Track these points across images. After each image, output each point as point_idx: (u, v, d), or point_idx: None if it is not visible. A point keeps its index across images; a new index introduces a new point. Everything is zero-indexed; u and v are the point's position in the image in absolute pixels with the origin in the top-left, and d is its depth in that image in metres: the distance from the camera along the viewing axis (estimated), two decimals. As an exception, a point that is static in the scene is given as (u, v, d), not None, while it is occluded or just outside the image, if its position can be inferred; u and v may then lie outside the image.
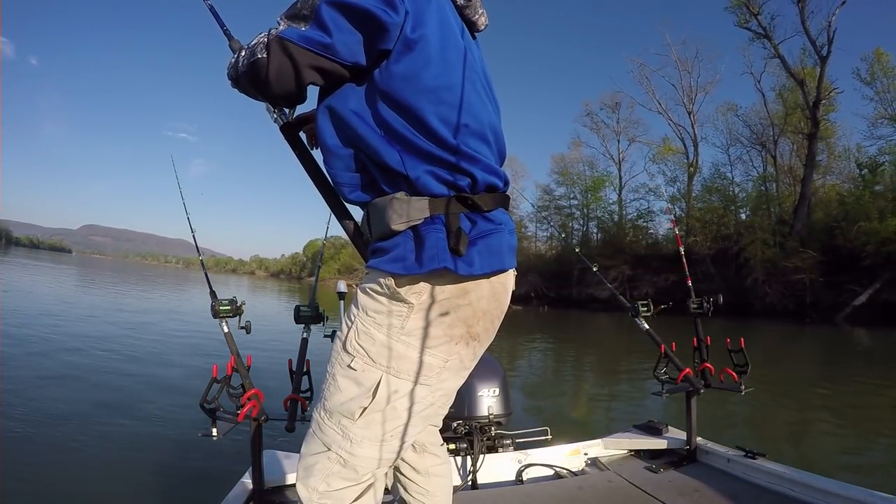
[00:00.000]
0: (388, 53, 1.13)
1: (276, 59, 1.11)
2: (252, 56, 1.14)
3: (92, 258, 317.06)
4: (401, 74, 1.13)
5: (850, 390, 8.81)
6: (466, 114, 1.18)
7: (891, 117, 28.94)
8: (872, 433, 6.01)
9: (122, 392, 6.18)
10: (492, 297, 1.21)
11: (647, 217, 41.76)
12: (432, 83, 1.14)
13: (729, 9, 33.11)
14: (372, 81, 1.16)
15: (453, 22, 1.25)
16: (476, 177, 1.17)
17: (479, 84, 1.27)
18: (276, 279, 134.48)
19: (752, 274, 27.79)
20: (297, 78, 1.14)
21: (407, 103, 1.13)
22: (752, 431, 5.58)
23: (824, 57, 29.44)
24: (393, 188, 1.16)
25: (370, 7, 1.07)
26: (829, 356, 14.05)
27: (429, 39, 1.14)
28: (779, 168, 34.31)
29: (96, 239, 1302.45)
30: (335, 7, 1.09)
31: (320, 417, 1.22)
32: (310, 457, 1.22)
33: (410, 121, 1.13)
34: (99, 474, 3.81)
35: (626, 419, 5.33)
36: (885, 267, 23.61)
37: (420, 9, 1.14)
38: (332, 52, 1.10)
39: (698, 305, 2.89)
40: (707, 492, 2.37)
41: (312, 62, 1.12)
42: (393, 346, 1.14)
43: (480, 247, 1.14)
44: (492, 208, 1.19)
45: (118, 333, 10.81)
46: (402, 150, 1.14)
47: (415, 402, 1.18)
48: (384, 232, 1.15)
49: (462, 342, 1.19)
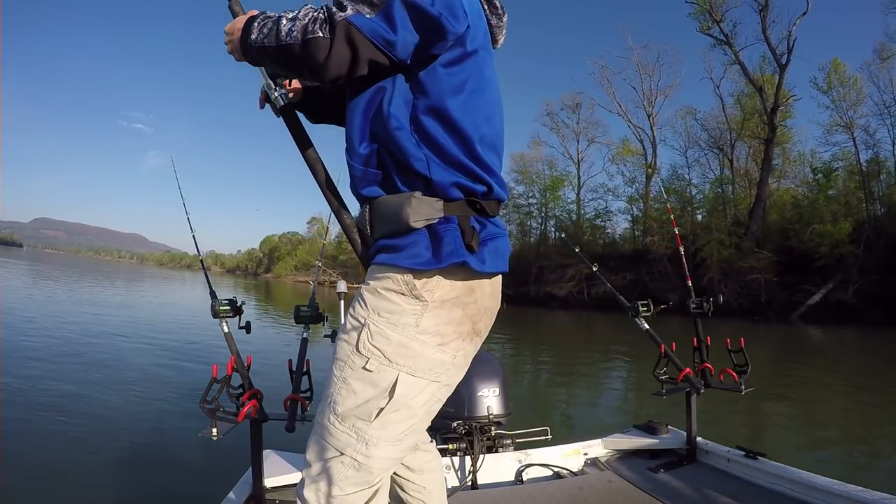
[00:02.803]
0: (436, 58, 1.15)
1: (340, 43, 1.07)
2: (307, 33, 1.08)
3: (44, 252, 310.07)
4: (449, 83, 1.17)
5: (801, 383, 9.30)
6: (491, 125, 1.25)
7: (845, 125, 29.95)
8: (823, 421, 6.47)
9: (121, 392, 6.17)
10: (492, 295, 1.29)
11: (605, 217, 42.44)
12: (476, 96, 1.20)
13: (692, 15, 33.81)
14: (417, 83, 1.17)
15: (489, 39, 1.33)
16: (492, 187, 1.22)
17: (498, 95, 1.33)
18: (233, 275, 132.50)
19: (708, 273, 28.40)
20: (352, 67, 1.12)
21: (448, 112, 1.16)
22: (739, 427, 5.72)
23: (783, 65, 30.29)
24: (408, 187, 1.18)
25: (438, 15, 1.10)
26: (784, 352, 14.52)
27: (480, 54, 1.21)
28: (735, 171, 35.19)
29: (48, 233, 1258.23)
30: (406, 6, 1.09)
31: (330, 423, 1.19)
32: (318, 463, 1.21)
33: (447, 129, 1.17)
34: (99, 475, 3.82)
35: (626, 419, 5.41)
36: (837, 268, 24.51)
37: (476, 23, 1.21)
38: (391, 49, 1.10)
39: (698, 305, 2.90)
40: (707, 492, 2.39)
41: (371, 55, 1.10)
42: (409, 344, 1.15)
43: (490, 248, 1.21)
44: (496, 214, 1.27)
45: (118, 333, 10.77)
46: (430, 154, 1.16)
47: (427, 400, 1.21)
48: (397, 229, 1.16)
49: (468, 338, 1.23)
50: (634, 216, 39.92)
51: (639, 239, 37.23)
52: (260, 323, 15.49)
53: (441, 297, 1.16)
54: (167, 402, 5.86)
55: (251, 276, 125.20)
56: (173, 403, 5.82)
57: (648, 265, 32.47)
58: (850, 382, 9.56)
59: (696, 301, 2.90)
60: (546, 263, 36.86)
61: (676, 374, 2.75)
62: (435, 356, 1.17)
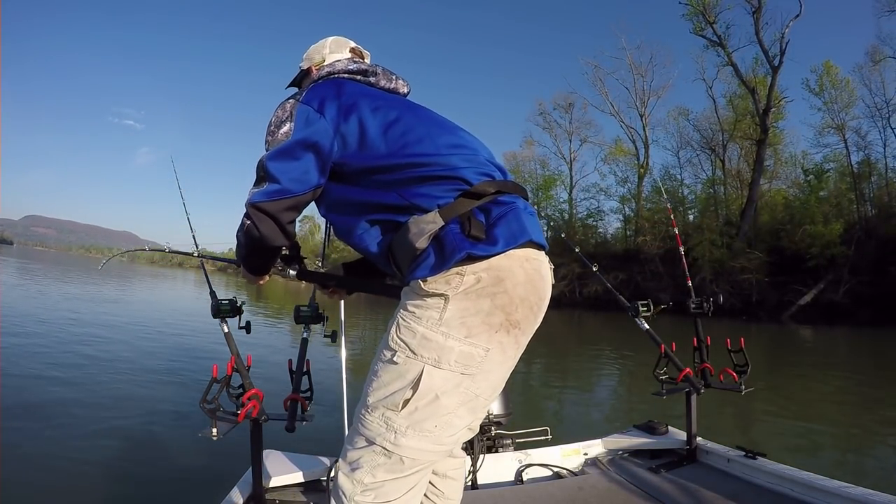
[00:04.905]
0: (341, 151, 1.35)
1: (255, 218, 1.36)
2: (242, 227, 1.41)
3: (34, 250, 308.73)
4: (358, 153, 1.34)
5: (796, 382, 9.37)
6: (431, 137, 1.35)
7: (837, 127, 30.17)
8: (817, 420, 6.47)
9: (121, 392, 6.16)
10: (527, 282, 1.24)
11: (598, 216, 42.40)
12: (385, 137, 1.32)
13: (686, 16, 33.84)
14: (343, 173, 1.37)
15: (374, 91, 1.50)
16: (467, 174, 1.28)
17: (431, 117, 1.46)
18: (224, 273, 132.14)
19: (700, 273, 28.51)
20: (278, 223, 1.38)
21: (376, 163, 1.31)
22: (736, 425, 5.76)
23: (776, 67, 30.39)
24: (406, 217, 1.26)
25: (296, 137, 1.32)
26: (776, 352, 14.58)
27: (362, 114, 1.34)
28: (727, 172, 35.30)
29: (39, 230, 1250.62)
30: (275, 158, 1.32)
31: (362, 415, 1.26)
32: (353, 451, 1.27)
33: (388, 170, 1.30)
34: (99, 475, 3.81)
35: (626, 419, 5.42)
36: (828, 268, 24.64)
37: (340, 105, 1.36)
38: (287, 194, 1.33)
39: (698, 305, 2.90)
40: (707, 492, 2.39)
41: (279, 207, 1.34)
42: (432, 336, 1.18)
43: (502, 227, 1.22)
44: (498, 190, 1.28)
45: (116, 332, 10.76)
46: (397, 189, 1.29)
47: (458, 393, 1.21)
48: (413, 254, 1.22)
49: (503, 330, 1.21)
50: (626, 216, 40.02)
51: (631, 239, 37.30)
52: (256, 322, 15.42)
53: (465, 290, 1.17)
54: (167, 402, 5.83)
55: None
56: (173, 403, 5.79)
57: (640, 265, 32.51)
58: (844, 382, 9.62)
59: (696, 301, 2.90)
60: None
61: (676, 374, 2.76)
62: (462, 349, 1.18)
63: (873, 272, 23.33)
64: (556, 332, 19.08)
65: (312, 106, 1.34)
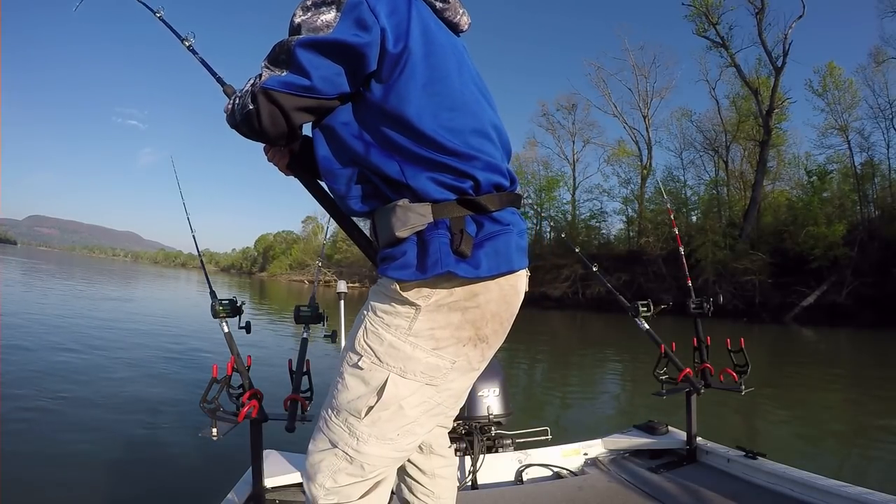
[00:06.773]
0: (376, 72, 1.15)
1: (265, 108, 1.14)
2: (244, 108, 1.17)
3: (38, 250, 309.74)
4: (391, 89, 1.14)
5: (798, 383, 9.34)
6: (463, 114, 1.20)
7: (840, 128, 30.10)
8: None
9: (121, 392, 6.15)
10: (501, 299, 1.21)
11: (600, 217, 42.45)
12: (423, 91, 1.15)
13: (688, 17, 33.87)
14: (364, 99, 1.19)
15: (435, 27, 1.24)
16: (478, 178, 1.17)
17: (472, 84, 1.28)
18: (227, 273, 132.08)
19: (702, 275, 28.46)
20: (289, 122, 1.18)
21: (400, 114, 1.14)
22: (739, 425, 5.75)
23: (779, 68, 30.36)
24: (396, 196, 1.16)
25: (341, 37, 1.10)
26: (779, 352, 14.56)
27: (413, 49, 1.14)
28: (730, 173, 35.33)
29: (42, 230, 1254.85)
30: (308, 47, 1.10)
31: (327, 415, 1.24)
32: (316, 454, 1.24)
33: (406, 131, 1.14)
34: (99, 474, 3.80)
35: (626, 419, 5.42)
36: (831, 270, 24.58)
37: (399, 21, 1.15)
38: (314, 93, 1.13)
39: (698, 305, 2.90)
40: (707, 492, 2.39)
41: (298, 104, 1.15)
42: (400, 346, 1.15)
43: (487, 249, 1.14)
44: (498, 208, 1.19)
45: (115, 332, 10.76)
46: (401, 160, 1.15)
47: (421, 402, 1.19)
48: (390, 240, 1.15)
49: (470, 344, 1.19)
50: (629, 217, 40.00)
51: (633, 240, 37.30)
52: (257, 322, 15.45)
53: (436, 302, 1.14)
54: (167, 402, 5.83)
55: (246, 274, 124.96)
56: (173, 403, 5.80)
57: (643, 266, 32.51)
58: (845, 383, 9.62)
59: (696, 301, 2.91)
60: (541, 264, 36.88)
61: (676, 375, 2.76)
62: (429, 360, 1.16)
63: (876, 274, 23.30)
64: (557, 333, 19.11)
65: (369, 2, 1.12)
